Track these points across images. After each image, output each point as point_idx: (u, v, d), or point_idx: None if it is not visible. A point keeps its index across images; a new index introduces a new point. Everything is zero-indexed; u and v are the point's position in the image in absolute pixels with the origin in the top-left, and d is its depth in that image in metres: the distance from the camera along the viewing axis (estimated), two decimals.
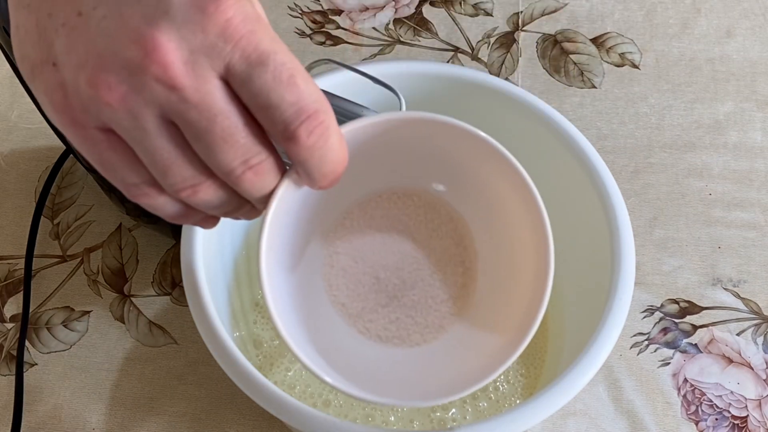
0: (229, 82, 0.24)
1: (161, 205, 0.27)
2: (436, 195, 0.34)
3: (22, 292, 0.53)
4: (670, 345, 0.51)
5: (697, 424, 0.48)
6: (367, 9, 0.66)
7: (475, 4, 0.66)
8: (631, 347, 0.51)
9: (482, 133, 0.31)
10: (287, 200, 0.29)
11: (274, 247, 0.30)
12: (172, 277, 0.54)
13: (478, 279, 0.34)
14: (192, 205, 0.27)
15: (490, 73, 0.56)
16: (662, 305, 0.52)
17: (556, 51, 0.64)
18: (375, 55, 0.64)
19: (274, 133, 0.25)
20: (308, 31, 0.65)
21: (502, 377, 0.46)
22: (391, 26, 0.65)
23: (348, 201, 0.34)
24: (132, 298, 0.53)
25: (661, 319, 0.52)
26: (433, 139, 0.31)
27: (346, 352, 0.33)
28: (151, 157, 0.25)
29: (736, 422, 0.48)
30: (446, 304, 0.34)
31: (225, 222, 0.41)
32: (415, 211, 0.34)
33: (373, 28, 0.65)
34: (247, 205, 0.28)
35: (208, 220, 0.29)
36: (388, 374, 0.33)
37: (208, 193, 0.26)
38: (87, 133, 0.25)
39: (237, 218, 0.29)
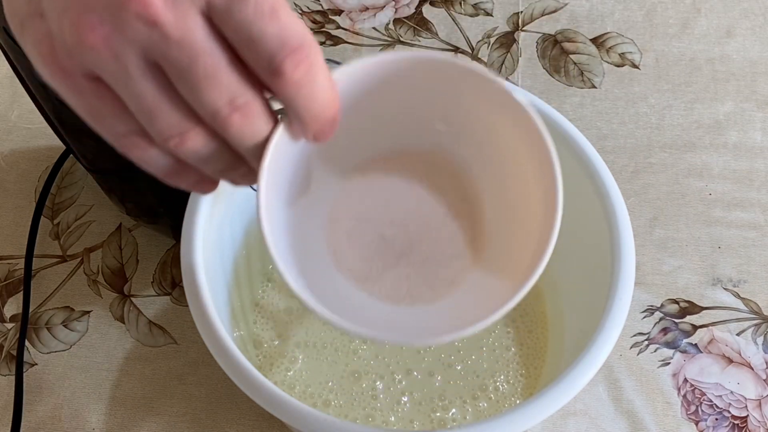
0: (212, 18, 0.24)
1: (152, 158, 0.27)
2: (438, 153, 0.33)
3: (22, 292, 0.53)
4: (670, 345, 0.51)
5: (697, 424, 0.48)
6: (367, 9, 0.66)
7: (475, 4, 0.66)
8: (631, 347, 0.51)
9: (479, 67, 0.29)
10: (282, 159, 0.28)
11: (272, 210, 0.29)
12: (172, 277, 0.54)
13: (487, 232, 0.32)
14: (183, 158, 0.26)
15: None
16: (662, 305, 0.52)
17: (556, 51, 0.64)
18: None
19: (260, 71, 0.24)
20: None
21: (502, 377, 0.46)
22: (391, 26, 0.65)
23: (347, 163, 0.33)
24: (132, 298, 0.53)
25: (661, 319, 0.52)
26: (431, 81, 0.30)
27: (352, 309, 0.31)
28: (137, 103, 0.24)
29: (736, 422, 0.48)
30: (456, 259, 0.32)
31: (225, 222, 0.42)
32: (416, 170, 0.33)
33: (373, 28, 0.65)
34: (243, 165, 0.27)
35: (204, 182, 0.28)
36: (393, 325, 0.31)
37: (196, 142, 0.25)
38: (74, 81, 0.25)
39: (236, 183, 0.28)
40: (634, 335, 0.51)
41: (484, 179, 0.33)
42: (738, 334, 0.51)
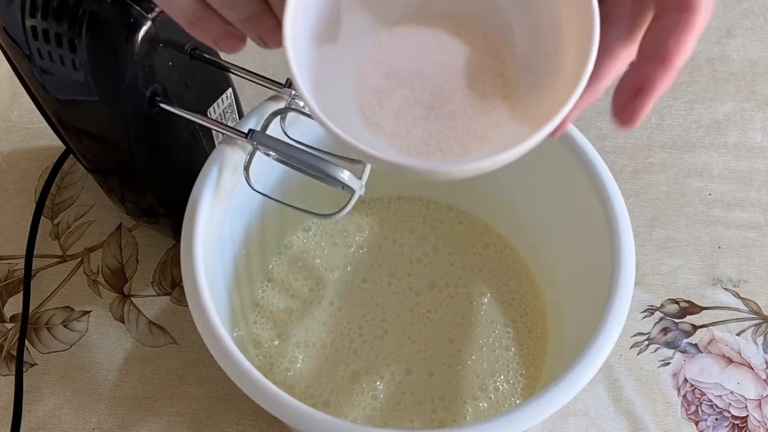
0: None
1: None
2: (471, 12, 0.32)
3: (22, 292, 0.53)
4: (670, 345, 0.51)
5: (697, 424, 0.48)
6: None
7: None
8: (631, 347, 0.51)
9: None
10: (305, 12, 0.27)
11: (299, 47, 0.28)
12: (172, 277, 0.54)
13: (519, 89, 0.31)
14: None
15: None
16: (662, 305, 0.52)
17: None
18: None
19: None
20: None
21: (502, 377, 0.46)
22: None
23: (377, 15, 0.32)
24: (132, 298, 0.53)
25: (661, 319, 0.52)
26: None
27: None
28: None
29: (736, 422, 0.48)
30: (486, 114, 0.31)
31: (225, 222, 0.42)
32: (448, 28, 0.32)
33: None
34: (270, 17, 0.26)
35: (230, 36, 0.27)
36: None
37: None
38: None
39: (263, 41, 0.27)
40: (634, 335, 0.51)
41: (518, 30, 0.32)
42: (738, 334, 0.51)
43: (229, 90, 0.47)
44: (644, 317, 0.52)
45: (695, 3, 0.28)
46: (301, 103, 0.40)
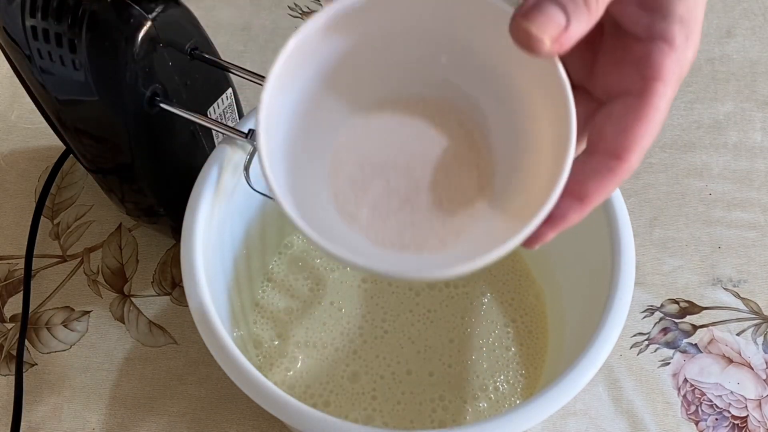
0: None
1: None
2: (446, 98, 0.32)
3: (22, 292, 0.53)
4: (670, 345, 0.51)
5: (697, 424, 0.48)
6: None
7: None
8: (631, 347, 0.51)
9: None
10: (286, 91, 0.28)
11: (275, 154, 0.28)
12: (172, 277, 0.54)
13: (494, 181, 0.31)
14: None
15: None
16: (662, 305, 0.52)
17: None
18: None
19: None
20: None
21: (502, 377, 0.46)
22: None
23: (352, 103, 0.32)
24: (132, 298, 0.53)
25: (661, 319, 0.52)
26: (443, 10, 0.29)
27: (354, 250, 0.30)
28: None
29: (736, 422, 0.48)
30: (463, 207, 0.31)
31: (225, 222, 0.42)
32: (424, 115, 0.32)
33: None
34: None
35: None
36: (399, 264, 0.30)
37: None
38: None
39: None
40: (634, 335, 0.51)
41: (493, 123, 0.32)
42: (738, 334, 0.51)
43: (229, 90, 0.47)
44: (644, 317, 0.52)
45: (627, 153, 0.27)
46: None
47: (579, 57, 0.30)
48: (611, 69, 0.27)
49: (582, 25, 0.25)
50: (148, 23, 0.38)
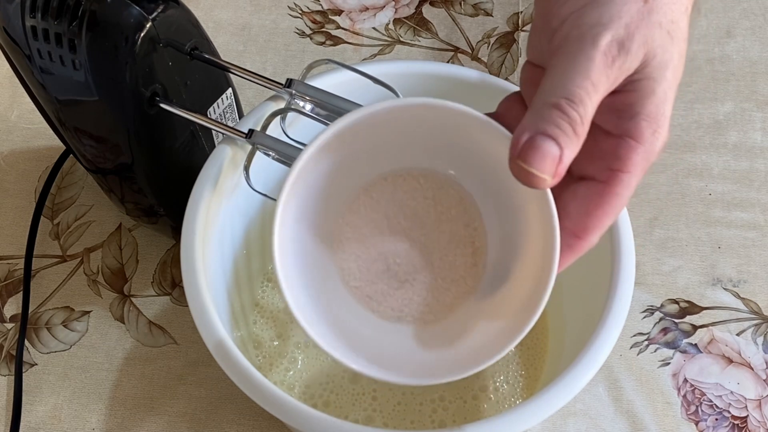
0: None
1: None
2: (444, 176, 0.34)
3: (21, 292, 0.53)
4: (670, 345, 0.51)
5: (697, 424, 0.48)
6: (367, 9, 0.66)
7: (475, 4, 0.66)
8: (631, 347, 0.51)
9: (486, 118, 0.30)
10: (304, 181, 0.31)
11: (286, 227, 0.32)
12: (172, 277, 0.54)
13: (488, 258, 0.34)
14: None
15: (490, 73, 0.56)
16: (662, 305, 0.52)
17: None
18: (375, 55, 0.64)
19: None
20: (308, 31, 0.65)
21: (502, 377, 0.46)
22: (390, 26, 0.65)
23: (355, 184, 0.34)
24: (132, 298, 0.53)
25: (661, 319, 0.52)
26: (443, 124, 0.32)
27: (356, 326, 0.34)
28: None
29: (736, 422, 0.48)
30: (456, 284, 0.34)
31: (225, 222, 0.42)
32: (423, 193, 0.34)
33: (373, 28, 0.65)
34: None
35: None
36: (398, 351, 0.34)
37: None
38: None
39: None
40: (634, 335, 0.51)
41: (486, 207, 0.34)
42: (738, 334, 0.51)
43: (229, 90, 0.47)
44: (644, 317, 0.52)
45: (586, 233, 0.30)
46: (301, 103, 0.40)
47: None
48: (581, 156, 0.28)
49: (574, 151, 0.27)
50: (148, 23, 0.38)
